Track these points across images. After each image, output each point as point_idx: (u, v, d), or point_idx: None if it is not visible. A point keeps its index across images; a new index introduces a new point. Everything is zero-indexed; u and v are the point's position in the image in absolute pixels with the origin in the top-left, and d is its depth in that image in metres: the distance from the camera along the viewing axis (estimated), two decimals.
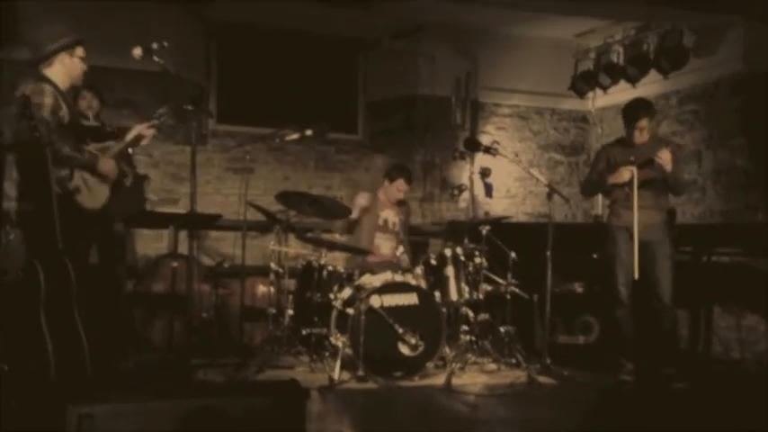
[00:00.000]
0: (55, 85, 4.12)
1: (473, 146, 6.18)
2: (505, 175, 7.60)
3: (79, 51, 4.27)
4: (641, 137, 5.23)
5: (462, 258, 5.48)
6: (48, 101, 4.01)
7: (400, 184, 6.03)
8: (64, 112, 4.09)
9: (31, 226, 4.01)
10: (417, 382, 4.99)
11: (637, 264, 4.99)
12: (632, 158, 5.12)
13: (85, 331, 3.68)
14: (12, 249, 4.83)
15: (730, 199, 6.27)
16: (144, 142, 4.54)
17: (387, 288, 5.04)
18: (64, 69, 4.21)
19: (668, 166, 5.03)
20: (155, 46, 4.19)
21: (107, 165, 4.29)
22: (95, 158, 4.23)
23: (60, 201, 3.88)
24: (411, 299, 5.08)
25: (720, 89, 6.42)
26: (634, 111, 5.26)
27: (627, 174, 5.12)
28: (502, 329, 5.48)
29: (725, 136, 6.35)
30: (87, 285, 3.86)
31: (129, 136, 4.46)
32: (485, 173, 7.24)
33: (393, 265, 5.63)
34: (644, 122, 5.21)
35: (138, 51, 4.20)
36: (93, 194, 4.23)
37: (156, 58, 4.19)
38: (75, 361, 3.61)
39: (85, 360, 3.64)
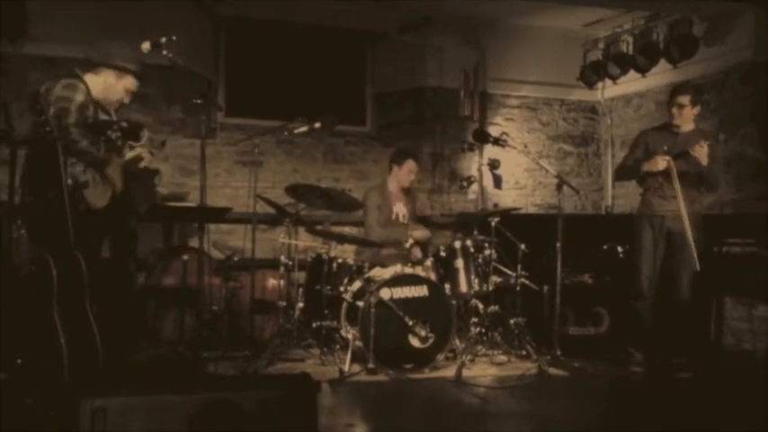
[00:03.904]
0: (89, 89, 4.18)
1: (482, 137, 6.18)
2: (514, 167, 7.58)
3: (128, 81, 4.37)
4: (680, 116, 5.19)
5: (472, 250, 5.48)
6: (79, 98, 4.09)
7: (410, 165, 6.05)
8: (91, 113, 4.14)
9: (35, 219, 4.04)
10: (428, 374, 5.00)
11: (695, 254, 4.92)
12: (666, 148, 5.08)
13: (98, 325, 3.70)
14: (23, 244, 4.87)
15: (741, 188, 6.23)
16: (142, 164, 4.58)
17: (396, 280, 5.05)
18: (104, 86, 4.31)
19: (704, 161, 4.99)
20: (163, 40, 4.19)
21: (116, 169, 4.32)
22: (109, 158, 4.26)
23: (69, 192, 3.90)
24: (421, 291, 5.08)
25: (731, 78, 6.37)
26: (676, 88, 5.29)
27: (662, 163, 5.07)
28: (512, 321, 5.48)
29: (735, 125, 6.30)
30: (99, 279, 3.88)
31: (130, 155, 4.51)
32: (494, 164, 7.24)
33: (404, 258, 5.63)
34: (684, 99, 5.17)
35: (146, 45, 4.20)
36: (100, 193, 4.26)
37: (165, 52, 4.20)
38: (88, 355, 3.63)
39: (98, 354, 3.66)
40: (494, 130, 6.71)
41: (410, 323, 4.97)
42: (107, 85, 4.33)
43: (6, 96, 5.46)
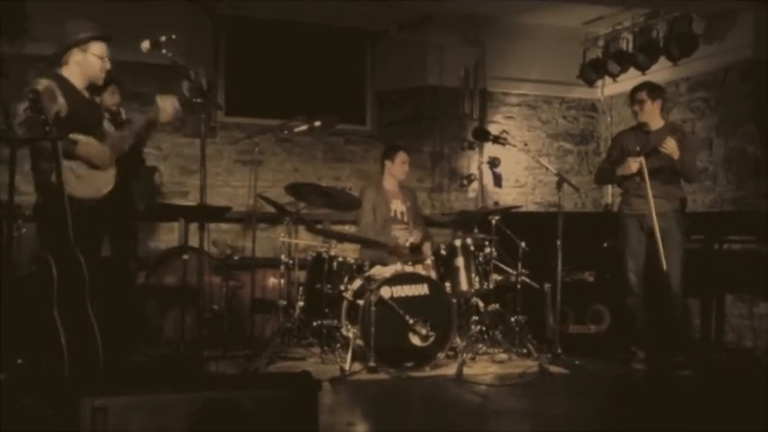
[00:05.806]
0: (64, 81, 4.10)
1: (482, 135, 6.17)
2: (514, 165, 7.57)
3: (95, 48, 4.22)
4: (642, 113, 5.25)
5: (472, 248, 5.48)
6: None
7: (402, 156, 6.05)
8: (60, 106, 4.02)
9: (43, 219, 4.02)
10: (428, 372, 5.00)
11: (662, 253, 4.98)
12: (638, 149, 5.12)
13: (98, 324, 3.70)
14: (23, 243, 4.86)
15: (741, 186, 6.23)
16: (164, 118, 4.47)
17: (397, 279, 5.04)
18: (78, 68, 4.19)
19: (675, 155, 5.02)
20: (163, 39, 4.16)
21: (89, 149, 4.09)
22: (71, 145, 4.01)
23: (53, 191, 3.82)
24: (421, 289, 5.08)
25: (730, 75, 6.37)
26: (634, 88, 5.33)
27: (634, 165, 5.13)
28: (512, 319, 5.48)
29: (735, 123, 6.31)
30: (100, 279, 3.86)
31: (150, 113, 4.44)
32: (494, 163, 7.23)
33: (406, 256, 5.62)
34: (641, 95, 5.23)
35: (146, 44, 4.17)
36: (89, 182, 4.10)
37: (164, 51, 4.17)
38: (89, 354, 3.63)
39: (99, 353, 3.66)
40: (494, 129, 6.70)
41: (411, 321, 4.97)
42: (81, 66, 4.20)
43: (6, 97, 5.46)
